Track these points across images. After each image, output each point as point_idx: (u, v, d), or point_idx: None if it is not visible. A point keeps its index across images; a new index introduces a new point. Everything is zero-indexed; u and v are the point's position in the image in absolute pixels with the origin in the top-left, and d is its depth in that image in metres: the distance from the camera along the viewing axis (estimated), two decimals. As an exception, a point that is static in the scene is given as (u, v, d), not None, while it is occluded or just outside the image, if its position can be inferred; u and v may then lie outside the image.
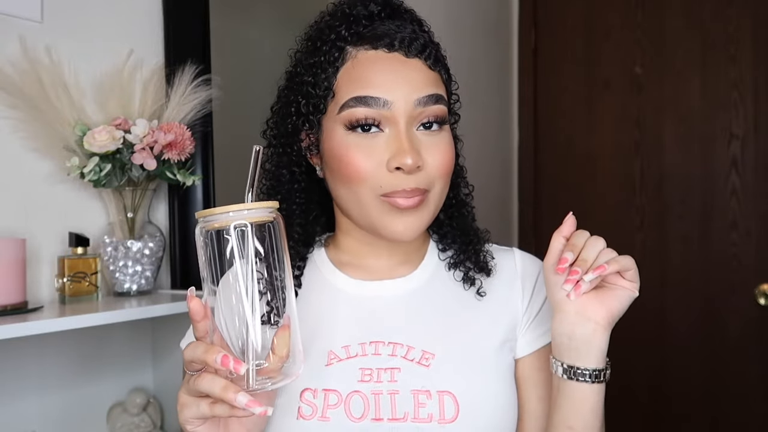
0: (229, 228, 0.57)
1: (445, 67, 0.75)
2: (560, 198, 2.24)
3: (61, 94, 1.07)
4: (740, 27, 1.91)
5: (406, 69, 0.70)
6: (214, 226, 0.57)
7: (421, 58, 0.71)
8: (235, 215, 0.57)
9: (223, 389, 0.55)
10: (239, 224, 0.57)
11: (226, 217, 0.57)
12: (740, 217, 1.91)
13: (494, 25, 2.27)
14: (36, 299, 1.07)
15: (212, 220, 0.58)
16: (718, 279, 1.93)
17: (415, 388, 0.69)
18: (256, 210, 0.58)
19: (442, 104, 0.71)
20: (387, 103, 0.68)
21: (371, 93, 0.68)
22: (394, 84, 0.69)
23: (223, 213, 0.57)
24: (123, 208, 1.13)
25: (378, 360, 0.71)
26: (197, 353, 0.57)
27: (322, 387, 0.70)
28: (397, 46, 0.71)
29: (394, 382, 0.70)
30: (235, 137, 1.43)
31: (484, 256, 0.79)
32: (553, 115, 2.26)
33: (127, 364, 1.21)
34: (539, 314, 0.78)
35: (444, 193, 0.73)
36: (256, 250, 0.57)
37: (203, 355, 0.56)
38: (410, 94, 0.69)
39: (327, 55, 0.72)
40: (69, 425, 1.13)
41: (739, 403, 1.90)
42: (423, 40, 0.72)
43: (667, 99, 2.03)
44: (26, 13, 1.07)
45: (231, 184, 1.41)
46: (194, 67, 1.17)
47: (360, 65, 0.71)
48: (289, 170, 0.77)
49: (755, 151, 1.89)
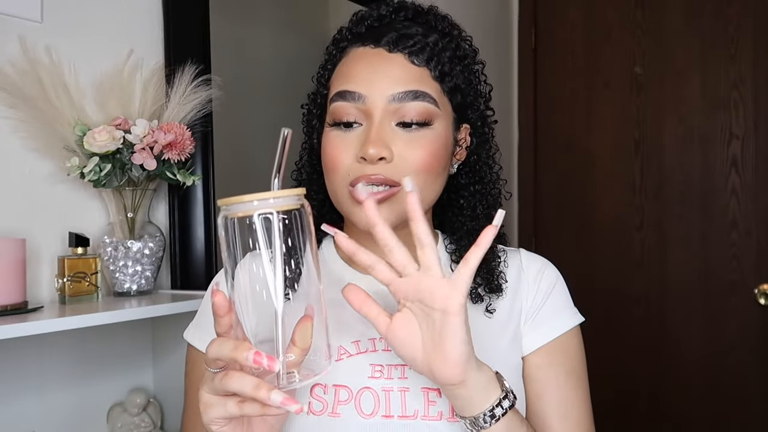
0: (253, 217, 0.53)
1: (450, 64, 0.73)
2: (560, 198, 2.24)
3: (61, 94, 1.07)
4: (740, 27, 1.91)
5: (386, 64, 0.70)
6: (237, 214, 0.54)
7: (404, 53, 0.70)
8: (260, 204, 0.53)
9: (255, 388, 0.51)
10: (264, 212, 0.53)
11: (249, 206, 0.53)
12: (740, 217, 1.91)
13: (494, 25, 2.27)
14: (36, 299, 1.07)
15: (235, 209, 0.54)
16: (718, 279, 1.93)
17: (425, 385, 0.69)
18: (283, 198, 0.54)
19: (424, 101, 0.69)
20: (362, 97, 0.69)
21: (349, 87, 0.69)
22: (372, 79, 0.69)
23: (248, 201, 0.53)
24: (123, 208, 1.13)
25: (388, 356, 0.71)
26: (224, 351, 0.53)
27: (332, 382, 0.69)
28: (383, 42, 0.71)
29: (405, 379, 0.69)
30: (235, 137, 1.43)
31: (498, 276, 0.76)
32: (553, 115, 2.26)
33: (127, 364, 1.21)
34: (541, 312, 0.78)
35: (429, 191, 0.72)
36: (281, 239, 0.54)
37: (232, 353, 0.52)
38: (386, 89, 0.68)
39: (330, 55, 0.75)
40: (69, 425, 1.12)
41: (739, 403, 1.90)
42: (418, 38, 0.71)
43: (667, 99, 2.03)
44: (26, 13, 1.07)
45: (231, 184, 1.41)
46: (194, 67, 1.17)
47: (348, 61, 0.73)
48: (310, 161, 0.80)
49: (755, 151, 1.89)
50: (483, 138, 0.79)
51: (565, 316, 0.79)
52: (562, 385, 0.76)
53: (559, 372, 0.76)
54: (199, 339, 0.79)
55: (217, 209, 0.58)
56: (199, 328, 0.80)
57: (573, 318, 0.79)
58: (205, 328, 0.79)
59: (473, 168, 0.79)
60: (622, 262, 2.09)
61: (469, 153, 0.79)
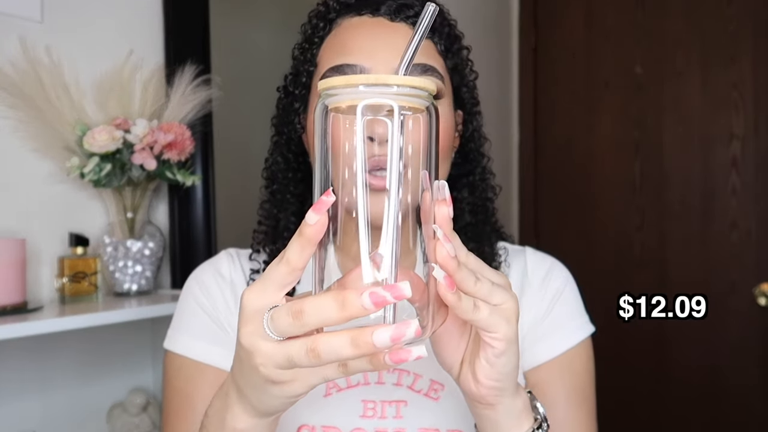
0: (359, 108, 0.38)
1: (449, 41, 0.67)
2: (560, 198, 2.24)
3: (61, 94, 1.07)
4: (740, 27, 1.91)
5: (390, 33, 0.62)
6: (340, 106, 0.40)
7: (408, 23, 0.63)
8: (369, 90, 0.38)
9: (354, 342, 0.37)
10: (383, 105, 0.38)
11: (356, 93, 0.39)
12: (740, 217, 1.91)
13: (494, 25, 2.27)
14: (36, 299, 1.07)
15: (338, 95, 0.40)
16: (718, 279, 1.93)
17: (422, 426, 0.64)
18: (409, 89, 0.39)
19: (433, 75, 0.62)
20: (364, 70, 0.60)
21: (348, 60, 0.61)
22: (374, 49, 0.61)
23: (355, 86, 0.39)
24: (123, 208, 1.13)
25: (382, 390, 0.65)
26: (329, 313, 0.37)
27: (320, 423, 0.63)
28: (383, 11, 0.64)
29: (400, 419, 0.64)
30: (235, 137, 1.43)
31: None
32: (553, 115, 2.26)
33: (127, 364, 1.21)
34: (547, 321, 0.72)
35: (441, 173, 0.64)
36: (401, 148, 0.39)
37: (342, 312, 0.36)
38: (391, 61, 0.60)
39: (315, 29, 0.67)
40: (69, 425, 1.12)
41: (739, 403, 1.90)
42: (418, 8, 0.64)
43: (667, 99, 2.03)
44: (26, 12, 1.07)
45: (231, 184, 1.41)
46: (194, 67, 1.17)
47: (341, 32, 0.65)
48: (283, 157, 0.71)
49: (755, 151, 1.89)
50: (476, 126, 0.74)
51: (573, 327, 0.72)
52: (566, 403, 0.69)
53: (564, 389, 0.70)
54: (183, 344, 0.72)
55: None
56: (181, 330, 0.73)
57: (582, 329, 0.73)
58: (186, 330, 0.72)
59: (466, 158, 0.74)
60: (622, 262, 2.09)
61: (463, 141, 0.74)
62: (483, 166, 0.75)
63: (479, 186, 0.74)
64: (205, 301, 0.73)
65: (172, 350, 0.72)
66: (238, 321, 0.42)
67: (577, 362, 0.71)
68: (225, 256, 0.76)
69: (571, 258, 0.87)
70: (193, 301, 0.73)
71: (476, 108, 0.74)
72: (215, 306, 0.72)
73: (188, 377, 0.70)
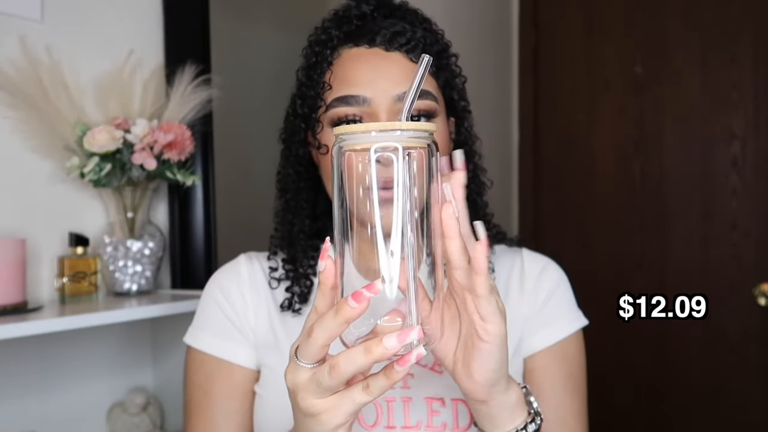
0: (373, 151, 0.45)
1: (438, 57, 0.73)
2: (560, 198, 2.24)
3: (61, 94, 1.07)
4: (740, 27, 1.90)
5: (386, 63, 0.69)
6: (355, 147, 0.46)
7: (402, 51, 0.70)
8: (380, 136, 0.45)
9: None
10: (389, 147, 0.45)
11: (368, 137, 0.45)
12: (740, 217, 1.91)
13: (494, 25, 2.27)
14: (36, 299, 1.07)
15: (353, 140, 0.46)
16: (718, 279, 1.93)
17: (428, 395, 0.68)
18: (411, 132, 0.46)
19: (427, 99, 0.69)
20: (366, 100, 0.68)
21: (351, 92, 0.68)
22: (373, 80, 0.68)
23: (366, 132, 0.45)
24: (123, 208, 1.13)
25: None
26: (359, 361, 0.44)
27: None
28: (378, 41, 0.70)
29: (408, 389, 0.68)
30: (235, 137, 1.43)
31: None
32: (553, 115, 2.26)
33: (127, 364, 1.21)
34: (543, 314, 0.77)
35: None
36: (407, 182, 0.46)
37: (368, 357, 0.44)
38: (390, 90, 0.68)
39: (319, 56, 0.73)
40: (69, 425, 1.12)
41: (739, 403, 1.90)
42: (409, 35, 0.71)
43: (667, 99, 2.02)
44: (26, 12, 1.07)
45: (231, 184, 1.41)
46: (194, 67, 1.17)
47: (344, 63, 0.72)
48: (294, 170, 0.78)
49: (755, 151, 1.89)
50: (467, 128, 0.79)
51: (568, 320, 0.78)
52: (560, 389, 0.75)
53: (558, 376, 0.75)
54: (202, 341, 0.78)
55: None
56: (201, 328, 0.80)
57: (575, 322, 0.79)
58: (207, 328, 0.79)
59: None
60: (622, 262, 2.09)
61: (456, 144, 0.79)
62: (474, 162, 0.80)
63: (470, 183, 0.79)
64: (224, 302, 0.79)
65: (192, 345, 0.79)
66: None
67: (570, 350, 0.77)
68: (244, 258, 0.83)
69: (571, 258, 0.88)
70: (213, 302, 0.80)
71: (467, 109, 0.79)
72: (234, 307, 0.79)
73: (207, 374, 0.77)
